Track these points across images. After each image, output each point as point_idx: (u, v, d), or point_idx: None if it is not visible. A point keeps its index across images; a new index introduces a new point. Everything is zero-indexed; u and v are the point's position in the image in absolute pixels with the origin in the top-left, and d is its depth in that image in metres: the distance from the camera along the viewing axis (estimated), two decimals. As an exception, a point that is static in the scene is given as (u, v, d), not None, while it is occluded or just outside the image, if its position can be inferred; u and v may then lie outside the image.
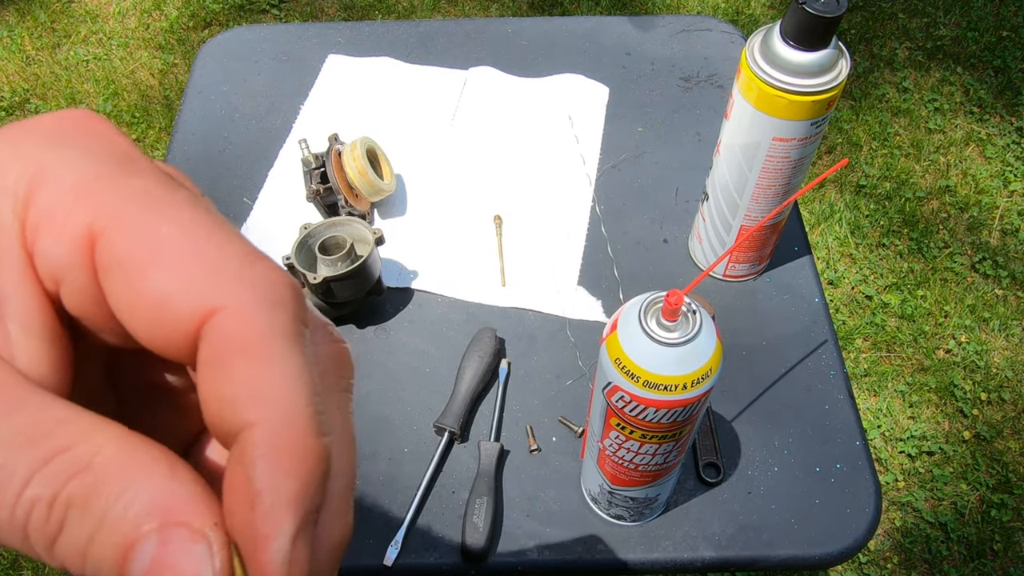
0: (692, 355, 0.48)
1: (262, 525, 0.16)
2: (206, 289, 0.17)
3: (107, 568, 0.16)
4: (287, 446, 0.16)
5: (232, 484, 0.16)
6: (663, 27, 1.08)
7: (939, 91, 2.07)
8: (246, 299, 0.17)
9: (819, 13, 0.59)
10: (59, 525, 0.15)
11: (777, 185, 0.71)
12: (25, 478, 0.15)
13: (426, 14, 2.25)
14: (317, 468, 0.17)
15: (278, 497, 0.16)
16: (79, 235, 0.17)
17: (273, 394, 0.16)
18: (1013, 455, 1.51)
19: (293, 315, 0.17)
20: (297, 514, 0.16)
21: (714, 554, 0.66)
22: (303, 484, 0.16)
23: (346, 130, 0.93)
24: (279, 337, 0.17)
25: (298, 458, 0.16)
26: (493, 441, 0.70)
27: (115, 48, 2.17)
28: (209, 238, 0.17)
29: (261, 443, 0.16)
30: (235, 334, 0.17)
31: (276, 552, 0.16)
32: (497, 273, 0.83)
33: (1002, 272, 1.74)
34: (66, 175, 0.17)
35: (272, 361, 0.17)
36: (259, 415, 0.16)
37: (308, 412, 0.17)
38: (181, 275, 0.17)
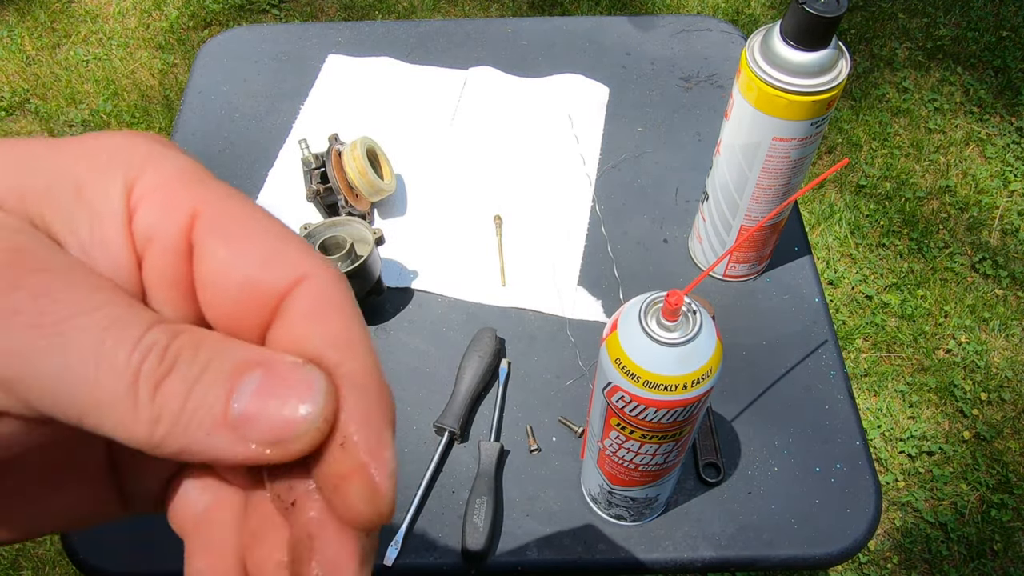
0: (692, 355, 0.48)
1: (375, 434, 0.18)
2: (297, 261, 0.20)
3: (209, 404, 0.17)
4: (375, 380, 0.19)
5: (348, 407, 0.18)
6: (663, 27, 1.08)
7: (939, 91, 2.07)
8: (328, 274, 0.20)
9: (819, 13, 0.59)
10: (170, 367, 0.17)
11: (777, 185, 0.71)
12: (144, 327, 0.17)
13: (426, 14, 2.25)
14: (393, 404, 0.20)
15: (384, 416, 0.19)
16: (183, 208, 0.19)
17: (363, 341, 0.20)
18: (1013, 455, 1.51)
19: (351, 291, 0.21)
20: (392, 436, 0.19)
21: (714, 554, 0.66)
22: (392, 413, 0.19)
23: (346, 130, 0.93)
24: (353, 304, 0.20)
25: (385, 391, 0.19)
26: (493, 441, 0.70)
27: (115, 48, 2.17)
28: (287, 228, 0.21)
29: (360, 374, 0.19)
30: (326, 296, 0.19)
31: (389, 461, 0.18)
32: (497, 273, 0.83)
33: (1002, 272, 1.74)
34: (172, 166, 0.20)
35: (355, 319, 0.20)
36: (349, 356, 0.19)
37: (378, 360, 0.20)
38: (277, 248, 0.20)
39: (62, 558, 1.41)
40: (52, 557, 1.41)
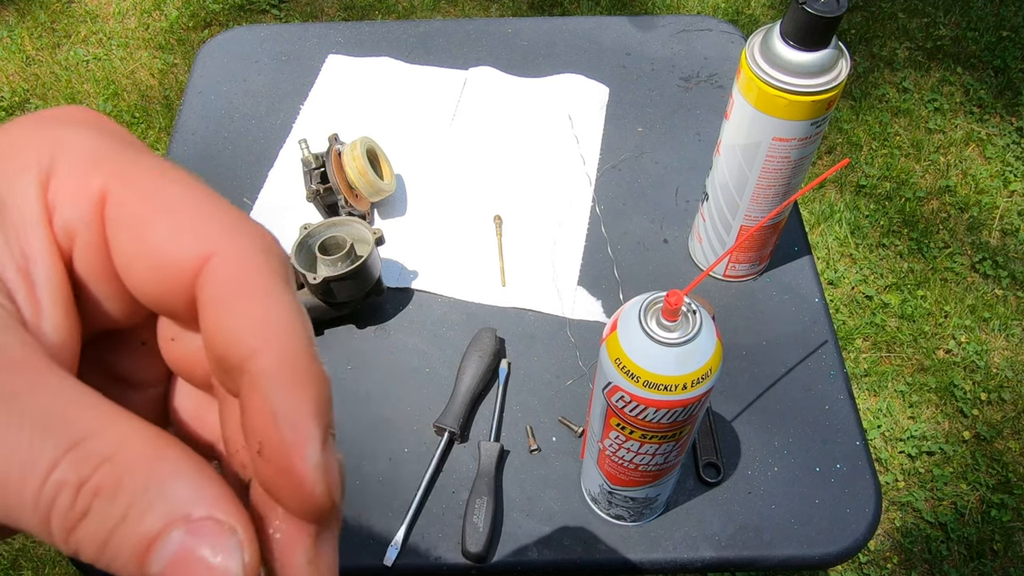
0: (692, 355, 0.48)
1: (291, 434, 0.17)
2: (205, 236, 0.18)
3: (126, 558, 0.16)
4: (298, 367, 0.17)
5: (251, 408, 0.17)
6: (663, 27, 1.08)
7: (939, 91, 2.07)
8: (243, 244, 0.18)
9: (819, 13, 0.59)
10: (83, 512, 0.16)
11: (777, 185, 0.71)
12: (53, 460, 0.15)
13: (426, 14, 2.25)
14: (325, 387, 0.18)
15: (301, 410, 0.17)
16: (93, 195, 0.18)
17: (277, 324, 0.17)
18: (1013, 455, 1.51)
19: (283, 263, 0.19)
20: (319, 423, 0.17)
21: (714, 554, 0.66)
22: (320, 399, 0.17)
23: (346, 130, 0.93)
24: (275, 276, 0.18)
25: (310, 377, 0.17)
26: (493, 441, 0.70)
27: (115, 48, 2.17)
28: (208, 198, 0.19)
29: (273, 365, 0.17)
30: (236, 274, 0.18)
31: (310, 456, 0.17)
32: (497, 273, 0.83)
33: (1002, 272, 1.74)
34: (82, 148, 0.19)
35: (272, 296, 0.18)
36: (266, 343, 0.17)
37: (307, 339, 0.18)
38: (183, 223, 0.18)
39: (62, 558, 1.41)
40: (52, 557, 1.41)
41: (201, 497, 0.16)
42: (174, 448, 0.17)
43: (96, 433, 0.16)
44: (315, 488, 0.17)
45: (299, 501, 0.17)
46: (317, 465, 0.17)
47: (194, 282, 0.18)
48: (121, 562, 0.16)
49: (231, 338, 0.17)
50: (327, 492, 0.17)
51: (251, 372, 0.17)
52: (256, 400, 0.17)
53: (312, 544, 0.18)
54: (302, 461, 0.17)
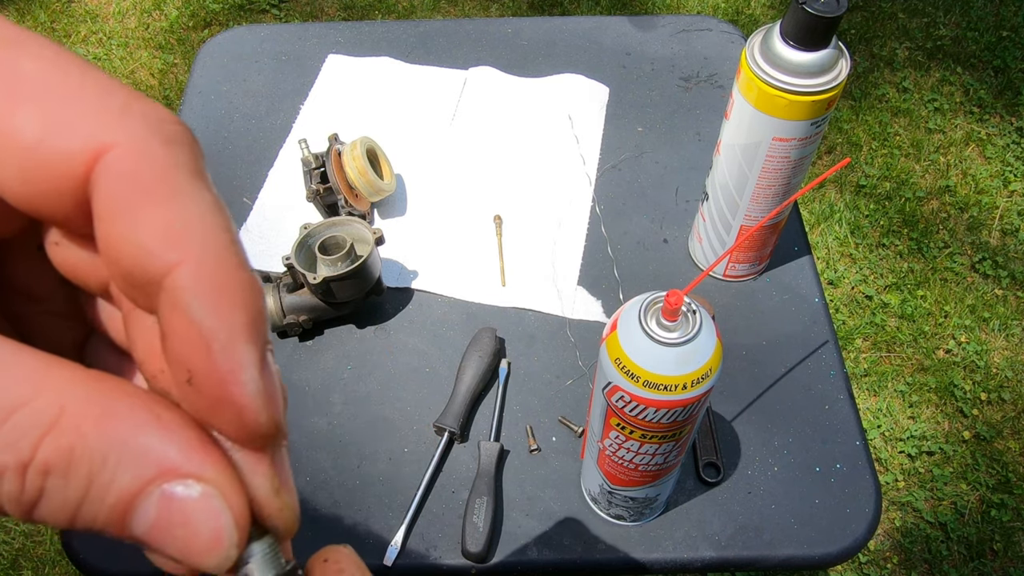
0: (692, 355, 0.48)
1: (224, 361, 0.14)
2: (91, 125, 0.14)
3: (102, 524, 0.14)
4: (223, 279, 0.15)
5: (174, 333, 0.15)
6: (663, 27, 1.08)
7: (939, 91, 2.07)
8: (140, 133, 0.15)
9: (819, 13, 0.59)
10: (37, 492, 0.14)
11: (777, 185, 0.71)
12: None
13: (426, 14, 2.25)
14: (257, 297, 0.15)
15: (233, 330, 0.15)
16: None
17: (194, 230, 0.15)
18: (1013, 455, 1.51)
19: (193, 154, 0.16)
20: (256, 342, 0.15)
21: (714, 554, 0.66)
22: (253, 312, 0.15)
23: (346, 130, 0.93)
24: (183, 171, 0.15)
25: (238, 289, 0.15)
26: (493, 441, 0.70)
27: (115, 48, 2.17)
28: (84, 74, 0.15)
29: (195, 281, 0.14)
30: (136, 172, 0.15)
31: (248, 383, 0.15)
32: (497, 273, 0.83)
33: (1002, 272, 1.74)
34: None
35: (183, 196, 0.15)
36: (184, 254, 0.14)
37: (232, 245, 0.15)
38: (57, 111, 0.14)
39: (62, 558, 1.41)
40: (52, 557, 1.41)
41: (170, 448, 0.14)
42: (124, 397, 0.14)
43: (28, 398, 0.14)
44: (258, 416, 0.15)
45: (241, 431, 0.15)
46: (257, 391, 0.15)
47: (83, 184, 0.15)
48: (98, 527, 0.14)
49: (141, 251, 0.14)
50: (271, 418, 0.15)
51: (170, 290, 0.14)
52: (180, 323, 0.14)
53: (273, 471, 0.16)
54: (240, 388, 0.15)
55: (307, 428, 0.73)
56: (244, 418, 0.15)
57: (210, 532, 0.15)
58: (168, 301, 0.14)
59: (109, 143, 0.15)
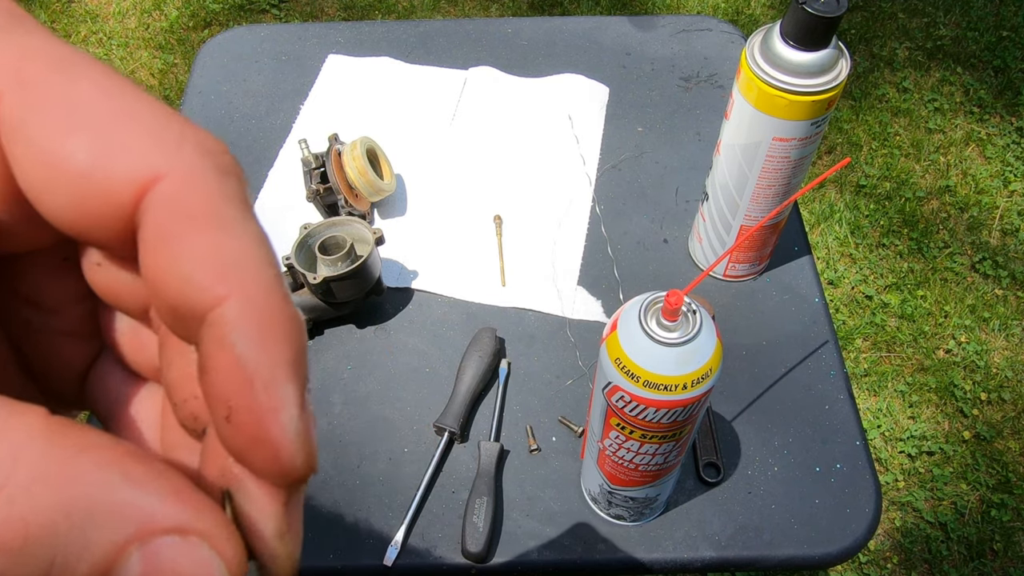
0: (692, 355, 0.48)
1: (267, 399, 0.14)
2: (144, 152, 0.14)
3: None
4: (269, 315, 0.14)
5: (216, 368, 0.14)
6: (663, 27, 1.08)
7: (939, 91, 2.07)
8: (195, 163, 0.15)
9: (819, 13, 0.59)
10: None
11: (777, 185, 0.71)
12: None
13: (426, 14, 2.25)
14: (301, 334, 0.15)
15: (276, 368, 0.14)
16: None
17: (242, 263, 0.14)
18: (1013, 455, 1.51)
19: (240, 180, 0.16)
20: (297, 380, 0.15)
21: (714, 554, 0.66)
22: (296, 351, 0.15)
23: (346, 130, 0.93)
24: (233, 203, 0.15)
25: (283, 325, 0.15)
26: (493, 441, 0.70)
27: (115, 48, 2.17)
28: (139, 100, 0.15)
29: (241, 316, 0.14)
30: (188, 202, 0.14)
31: (288, 423, 0.14)
32: (497, 273, 0.83)
33: (1002, 272, 1.74)
34: None
35: (233, 228, 0.15)
36: (231, 288, 0.14)
37: (279, 279, 0.15)
38: (111, 137, 0.14)
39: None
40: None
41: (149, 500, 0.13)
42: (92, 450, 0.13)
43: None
44: (295, 459, 0.14)
45: (275, 471, 0.15)
46: (296, 432, 0.14)
47: (132, 212, 0.14)
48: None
49: (188, 283, 0.14)
50: (307, 460, 0.15)
51: (215, 324, 0.14)
52: (223, 358, 0.14)
53: (283, 514, 0.15)
54: (280, 429, 0.14)
55: (307, 428, 0.73)
56: (280, 458, 0.14)
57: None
58: (212, 335, 0.14)
59: (162, 171, 0.14)
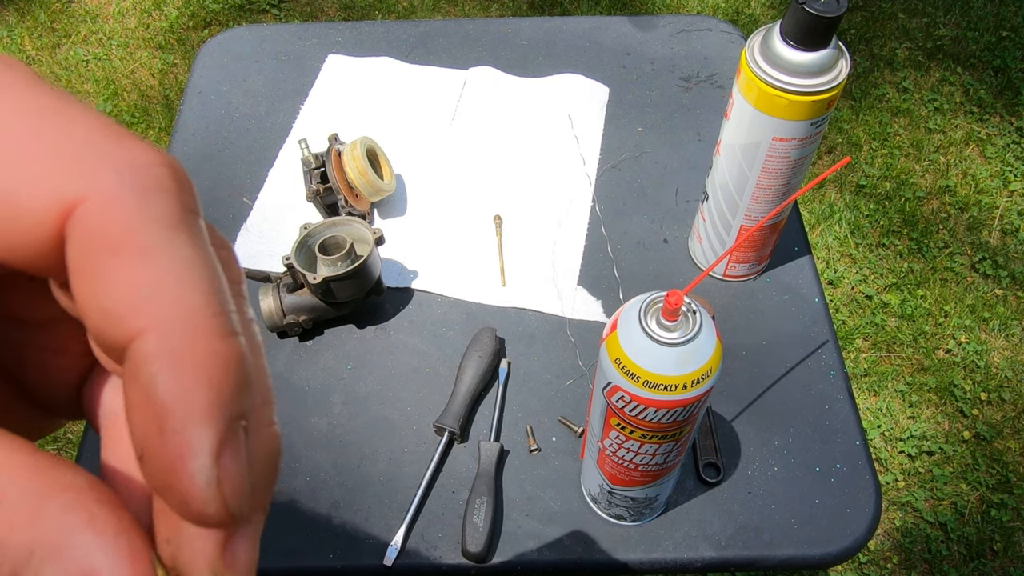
0: (692, 355, 0.48)
1: (174, 444, 0.13)
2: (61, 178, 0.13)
3: None
4: (188, 350, 0.13)
5: (131, 406, 0.14)
6: (663, 27, 1.08)
7: (939, 91, 2.07)
8: (113, 183, 0.14)
9: (819, 13, 0.59)
10: None
11: (777, 185, 0.71)
12: None
13: (426, 14, 2.25)
14: (230, 372, 0.14)
15: (190, 410, 0.13)
16: None
17: (163, 293, 0.13)
18: (1013, 455, 1.51)
19: (177, 201, 0.14)
20: (214, 425, 0.14)
21: (714, 554, 0.66)
22: (216, 390, 0.14)
23: (346, 130, 0.93)
24: (157, 226, 0.14)
25: (204, 362, 0.14)
26: (493, 441, 0.70)
27: (115, 48, 2.17)
28: (58, 114, 0.14)
29: (155, 351, 0.13)
30: (103, 227, 0.13)
31: (197, 472, 0.13)
32: (497, 273, 0.83)
33: (1002, 272, 1.74)
34: None
35: (153, 254, 0.14)
36: (149, 321, 0.13)
37: (208, 309, 0.14)
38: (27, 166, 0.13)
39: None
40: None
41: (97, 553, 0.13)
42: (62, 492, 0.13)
43: None
44: (205, 508, 0.14)
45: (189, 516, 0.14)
46: (207, 481, 0.14)
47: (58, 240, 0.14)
48: None
49: (105, 315, 0.13)
50: (222, 507, 0.14)
51: (132, 359, 0.13)
52: (137, 396, 0.13)
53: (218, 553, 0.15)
54: (187, 477, 0.13)
55: (307, 428, 0.73)
56: (189, 506, 0.14)
57: None
58: (130, 370, 0.14)
59: (82, 195, 0.13)
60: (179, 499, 0.14)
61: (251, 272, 0.77)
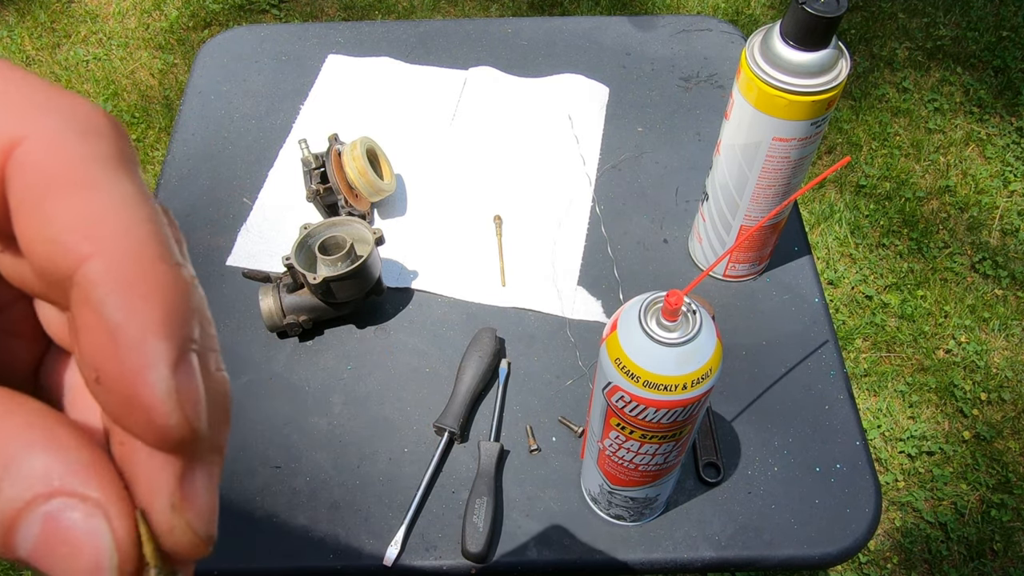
0: (692, 355, 0.48)
1: (132, 357, 0.14)
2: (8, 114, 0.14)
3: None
4: (138, 272, 0.14)
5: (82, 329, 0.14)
6: (663, 27, 1.08)
7: (939, 91, 2.07)
8: (54, 125, 0.14)
9: (819, 13, 0.59)
10: None
11: (777, 185, 0.71)
12: None
13: (426, 14, 2.25)
14: (179, 293, 0.14)
15: (144, 324, 0.14)
16: None
17: (107, 221, 0.14)
18: (1013, 455, 1.51)
19: (115, 144, 0.15)
20: (169, 338, 0.14)
21: (714, 554, 0.66)
22: (171, 306, 0.14)
23: (346, 130, 0.93)
24: (100, 163, 0.14)
25: (154, 282, 0.14)
26: (493, 441, 0.70)
27: (115, 48, 2.17)
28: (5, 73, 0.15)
29: (106, 274, 0.14)
30: (46, 164, 0.14)
31: (157, 381, 0.14)
32: (497, 273, 0.83)
33: (1002, 272, 1.74)
34: None
35: (99, 187, 0.14)
36: (95, 246, 0.14)
37: (153, 237, 0.14)
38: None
39: None
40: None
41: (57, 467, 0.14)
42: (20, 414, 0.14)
43: None
44: (168, 418, 0.14)
45: (151, 434, 0.14)
46: (168, 391, 0.14)
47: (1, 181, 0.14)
48: None
49: (51, 245, 0.14)
50: (183, 420, 0.14)
51: (80, 284, 0.14)
52: (88, 318, 0.14)
53: (175, 485, 0.15)
54: (148, 389, 0.14)
55: (307, 428, 0.73)
56: (152, 418, 0.14)
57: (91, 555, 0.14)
58: (78, 296, 0.14)
59: (20, 135, 0.14)
60: (140, 414, 0.14)
61: (251, 272, 0.77)
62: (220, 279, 0.82)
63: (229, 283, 0.82)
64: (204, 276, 0.83)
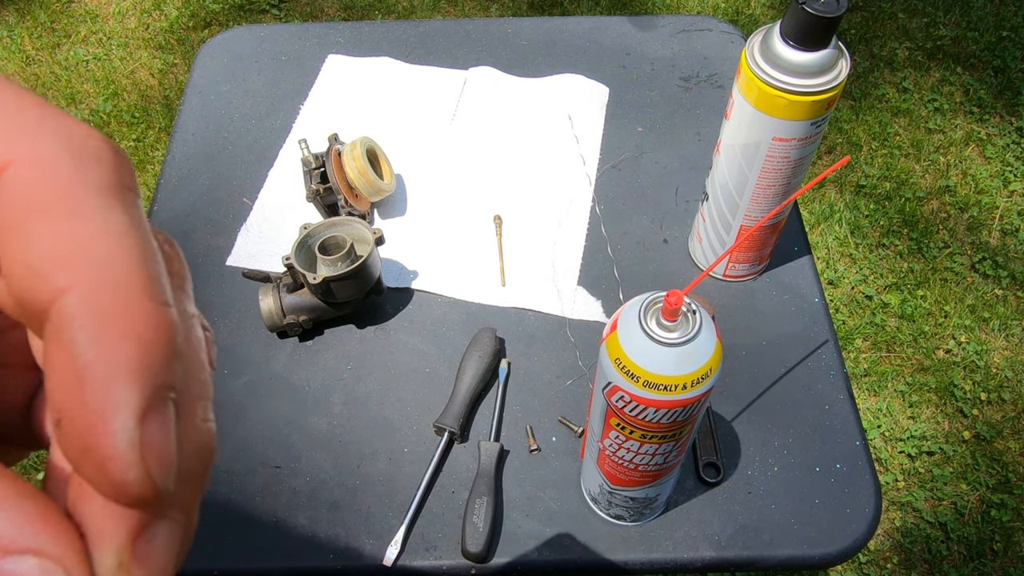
0: (692, 355, 0.48)
1: (95, 402, 0.13)
2: None
3: None
4: (114, 308, 0.13)
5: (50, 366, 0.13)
6: (663, 27, 1.08)
7: (939, 91, 2.07)
8: (46, 148, 0.13)
9: (819, 13, 0.59)
10: None
11: (777, 185, 0.71)
12: None
13: (426, 14, 2.25)
14: (160, 335, 0.13)
15: (114, 366, 0.13)
16: None
17: (92, 251, 0.13)
18: (1013, 455, 1.51)
19: (113, 172, 0.14)
20: (140, 385, 0.13)
21: (714, 554, 0.66)
22: (143, 350, 0.13)
23: (346, 130, 0.93)
24: (92, 190, 0.14)
25: (132, 320, 0.13)
26: (493, 441, 0.70)
27: (115, 48, 2.17)
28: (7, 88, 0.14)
29: (80, 307, 0.13)
30: (35, 188, 0.13)
31: (119, 431, 0.13)
32: (497, 273, 0.83)
33: (1002, 272, 1.74)
34: None
35: (85, 215, 0.13)
36: (75, 278, 0.13)
37: (140, 272, 0.13)
38: None
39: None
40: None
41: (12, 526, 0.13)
42: None
43: None
44: (125, 472, 0.13)
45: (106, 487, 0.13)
46: (130, 442, 0.13)
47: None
48: None
49: (30, 272, 0.13)
50: (143, 476, 0.13)
51: (55, 317, 0.13)
52: (58, 355, 0.13)
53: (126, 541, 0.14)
54: (108, 439, 0.13)
55: (307, 428, 0.73)
56: (109, 470, 0.13)
57: None
58: (51, 330, 0.13)
59: (9, 158, 0.13)
60: (96, 463, 0.13)
61: (251, 272, 0.77)
62: (220, 279, 0.82)
63: (229, 283, 0.82)
64: (204, 276, 0.83)
